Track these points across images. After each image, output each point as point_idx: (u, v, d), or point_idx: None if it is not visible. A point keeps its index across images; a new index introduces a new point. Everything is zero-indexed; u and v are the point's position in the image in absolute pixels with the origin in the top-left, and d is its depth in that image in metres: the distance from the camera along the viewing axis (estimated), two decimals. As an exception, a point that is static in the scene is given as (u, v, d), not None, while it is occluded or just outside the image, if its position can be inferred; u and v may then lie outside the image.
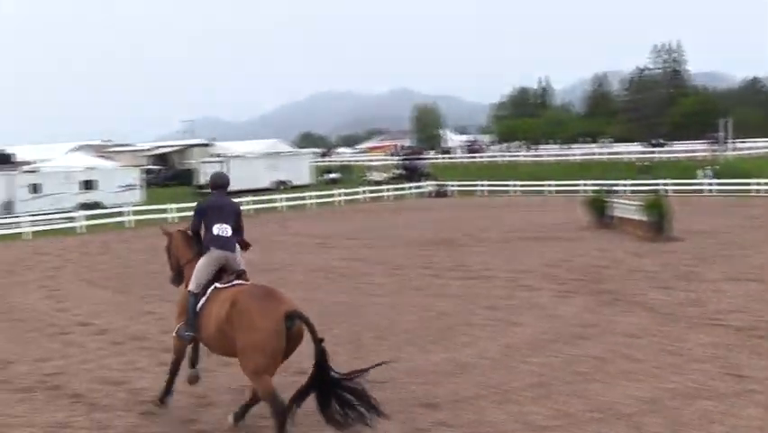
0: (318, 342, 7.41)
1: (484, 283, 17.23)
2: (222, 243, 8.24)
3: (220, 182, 8.66)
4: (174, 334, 8.58)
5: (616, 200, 29.09)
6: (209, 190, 8.76)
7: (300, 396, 7.50)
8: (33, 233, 34.33)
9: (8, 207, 41.16)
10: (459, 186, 55.10)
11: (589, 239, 25.10)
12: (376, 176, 63.42)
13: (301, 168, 63.60)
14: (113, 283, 19.47)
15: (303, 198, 47.10)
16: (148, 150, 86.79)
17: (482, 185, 54.52)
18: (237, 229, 8.47)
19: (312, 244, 27.07)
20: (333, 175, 68.18)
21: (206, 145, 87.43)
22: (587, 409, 8.52)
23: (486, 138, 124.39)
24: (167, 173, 70.12)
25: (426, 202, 49.06)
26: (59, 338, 13.15)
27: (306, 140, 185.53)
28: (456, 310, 14.29)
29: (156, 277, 18.08)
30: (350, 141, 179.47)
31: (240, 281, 8.17)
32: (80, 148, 76.34)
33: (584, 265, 19.37)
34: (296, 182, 60.00)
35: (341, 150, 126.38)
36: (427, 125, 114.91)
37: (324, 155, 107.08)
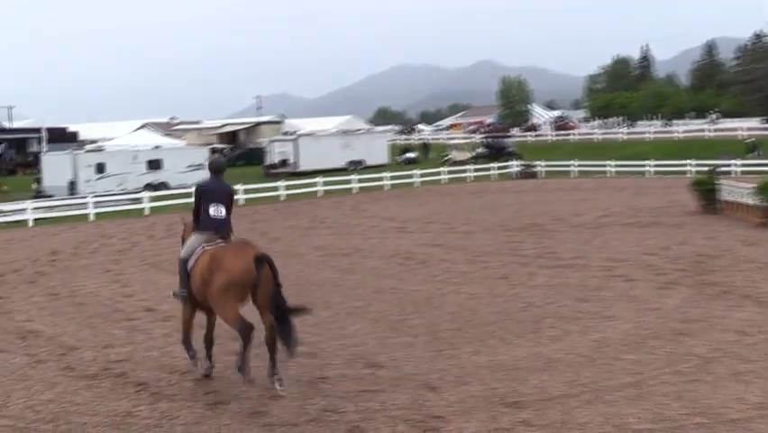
0: (277, 285, 9.22)
1: (575, 273, 16.99)
2: (216, 225, 9.85)
3: (216, 166, 10.36)
4: (171, 294, 10.58)
5: (725, 182, 28.19)
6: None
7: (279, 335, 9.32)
8: (98, 214, 35.46)
9: (72, 188, 42.43)
10: (548, 166, 54.41)
11: (694, 225, 24.45)
12: (457, 155, 63.02)
13: (376, 147, 63.68)
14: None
15: (378, 180, 47.26)
16: (216, 128, 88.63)
17: (574, 165, 53.69)
18: (228, 210, 10.05)
19: (388, 227, 27.19)
20: (410, 155, 68.09)
21: (276, 123, 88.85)
22: (688, 412, 8.32)
23: (579, 113, 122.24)
24: (233, 153, 71.12)
25: (512, 184, 48.61)
26: (125, 324, 13.60)
27: (383, 116, 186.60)
28: (544, 302, 14.16)
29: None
30: (429, 117, 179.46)
31: (224, 243, 9.80)
32: (145, 126, 78.61)
33: (688, 254, 18.87)
34: (370, 162, 59.95)
35: (419, 126, 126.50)
36: (514, 100, 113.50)
37: (403, 132, 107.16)
